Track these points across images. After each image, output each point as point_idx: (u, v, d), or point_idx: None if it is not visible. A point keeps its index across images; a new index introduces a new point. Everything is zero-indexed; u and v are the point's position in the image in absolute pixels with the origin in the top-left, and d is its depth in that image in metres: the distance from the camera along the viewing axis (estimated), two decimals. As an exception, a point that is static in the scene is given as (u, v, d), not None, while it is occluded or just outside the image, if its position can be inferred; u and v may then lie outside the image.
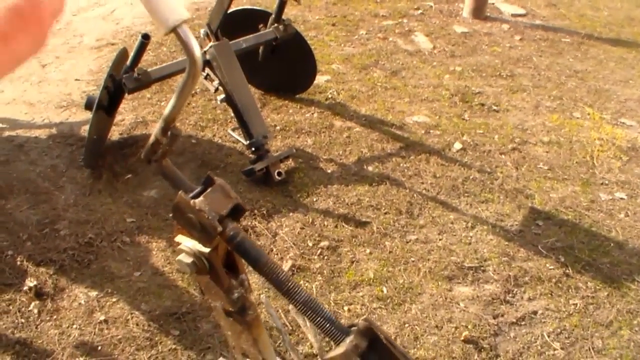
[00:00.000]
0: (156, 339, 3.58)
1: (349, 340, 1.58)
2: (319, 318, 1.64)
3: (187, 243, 1.70)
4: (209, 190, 1.66)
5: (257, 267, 1.67)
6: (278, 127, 5.76)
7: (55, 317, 3.69)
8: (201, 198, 1.61)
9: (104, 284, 3.94)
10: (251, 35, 5.43)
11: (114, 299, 3.83)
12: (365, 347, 1.60)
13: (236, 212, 1.70)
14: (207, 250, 1.68)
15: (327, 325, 1.63)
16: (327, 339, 1.66)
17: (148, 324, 3.67)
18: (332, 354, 1.59)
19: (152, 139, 1.66)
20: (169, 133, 1.64)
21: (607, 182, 5.33)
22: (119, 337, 3.57)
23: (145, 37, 4.51)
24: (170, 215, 1.73)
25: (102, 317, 3.69)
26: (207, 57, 5.08)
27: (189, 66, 1.49)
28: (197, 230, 1.61)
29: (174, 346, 3.53)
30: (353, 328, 1.62)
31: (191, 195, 1.64)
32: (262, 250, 1.71)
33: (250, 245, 1.67)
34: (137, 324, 3.66)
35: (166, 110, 1.61)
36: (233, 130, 5.43)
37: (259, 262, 1.66)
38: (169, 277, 4.03)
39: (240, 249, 1.67)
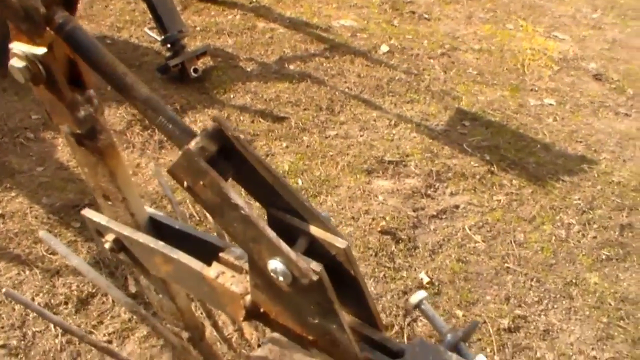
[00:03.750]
0: (55, 231, 3.23)
1: (194, 142, 1.25)
2: (160, 118, 1.30)
3: (21, 47, 1.34)
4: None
5: (90, 61, 1.33)
6: (198, 28, 5.37)
7: (-55, 212, 3.31)
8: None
9: (4, 179, 3.55)
10: None
11: (13, 194, 3.45)
12: (215, 151, 1.28)
13: (69, 1, 1.34)
14: (41, 52, 1.32)
15: (170, 126, 1.30)
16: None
17: (48, 217, 3.31)
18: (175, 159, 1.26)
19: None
20: None
21: (536, 88, 5.14)
22: (15, 230, 3.21)
23: None
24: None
25: None
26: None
27: None
28: (22, 20, 1.26)
29: (73, 238, 3.20)
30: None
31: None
32: (97, 42, 1.37)
33: (84, 36, 1.33)
34: (36, 217, 3.30)
35: None
36: (150, 29, 5.02)
37: (92, 54, 1.31)
38: (74, 172, 3.66)
39: (71, 39, 1.31)
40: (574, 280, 3.43)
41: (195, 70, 4.59)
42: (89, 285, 2.99)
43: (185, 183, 1.27)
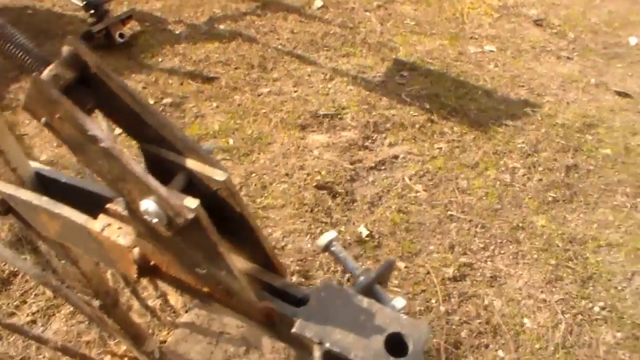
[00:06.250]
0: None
1: (47, 71, 1.04)
2: (8, 45, 1.09)
3: None
4: None
5: None
6: (125, -6, 5.10)
7: None
8: None
9: None
10: None
11: None
12: (72, 79, 1.07)
13: None
14: None
15: (21, 54, 1.10)
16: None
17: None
18: None
19: None
20: None
21: (476, 36, 4.99)
22: None
23: None
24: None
25: None
26: None
27: None
28: None
29: None
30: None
31: None
32: None
33: None
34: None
35: None
36: (73, -5, 4.74)
37: None
38: None
39: None
40: (520, 224, 3.30)
41: (122, 36, 4.37)
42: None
43: (42, 119, 1.06)
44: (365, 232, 3.08)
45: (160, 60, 4.28)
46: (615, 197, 3.58)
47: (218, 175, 1.06)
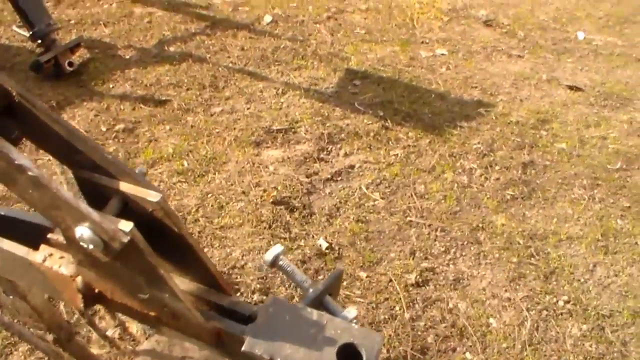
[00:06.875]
0: None
1: None
2: None
3: None
4: None
5: None
6: (73, 22, 5.03)
7: None
8: None
9: None
10: None
11: None
12: None
13: None
14: None
15: None
16: None
17: None
18: None
19: None
20: None
21: (427, 40, 5.01)
22: None
23: None
24: None
25: None
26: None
27: None
28: None
29: None
30: None
31: None
32: None
33: None
34: None
35: None
36: (19, 27, 4.64)
37: None
38: None
39: None
40: (480, 225, 3.30)
41: (71, 64, 4.29)
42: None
43: (-33, 151, 1.03)
44: (325, 245, 3.05)
45: (111, 86, 4.22)
46: (573, 191, 3.60)
47: (152, 196, 1.04)
